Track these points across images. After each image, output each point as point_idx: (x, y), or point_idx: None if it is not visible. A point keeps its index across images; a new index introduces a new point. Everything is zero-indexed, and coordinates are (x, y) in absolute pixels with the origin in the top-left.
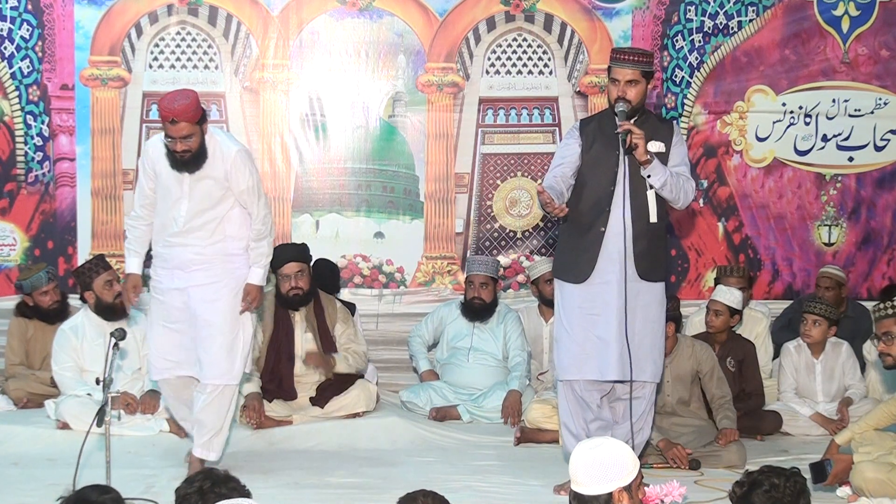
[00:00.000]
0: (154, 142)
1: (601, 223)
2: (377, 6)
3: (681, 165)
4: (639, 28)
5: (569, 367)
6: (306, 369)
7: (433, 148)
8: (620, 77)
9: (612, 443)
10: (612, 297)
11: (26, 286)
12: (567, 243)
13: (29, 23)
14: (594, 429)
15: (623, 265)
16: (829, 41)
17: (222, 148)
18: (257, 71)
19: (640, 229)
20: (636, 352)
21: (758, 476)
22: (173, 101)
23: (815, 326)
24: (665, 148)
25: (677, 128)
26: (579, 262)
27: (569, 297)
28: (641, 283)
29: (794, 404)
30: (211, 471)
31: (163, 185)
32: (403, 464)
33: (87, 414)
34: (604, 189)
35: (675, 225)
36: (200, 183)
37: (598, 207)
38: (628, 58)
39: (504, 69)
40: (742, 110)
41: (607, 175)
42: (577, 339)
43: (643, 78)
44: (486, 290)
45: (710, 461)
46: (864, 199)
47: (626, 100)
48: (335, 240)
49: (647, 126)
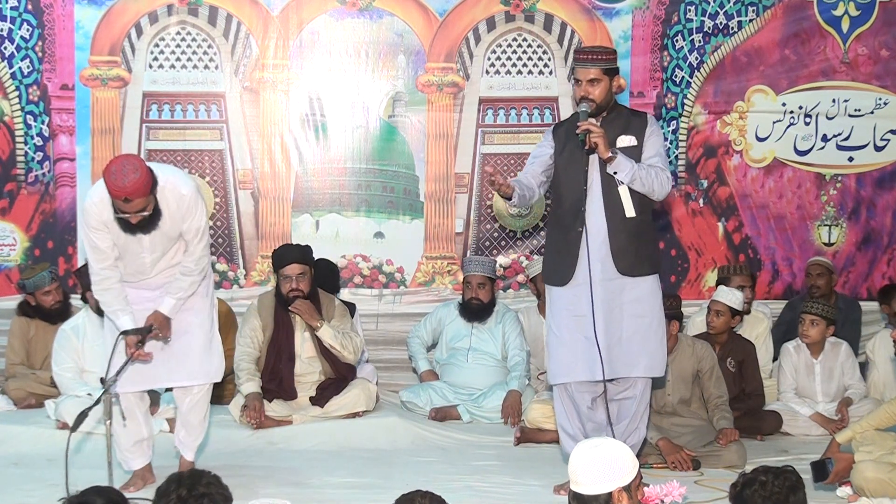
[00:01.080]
0: (96, 203)
1: (579, 223)
2: (377, 6)
3: (654, 157)
4: (639, 28)
5: (559, 370)
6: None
7: (433, 148)
8: (582, 77)
9: (612, 443)
10: (595, 298)
11: (29, 286)
12: (550, 246)
13: (29, 23)
14: (589, 430)
15: (602, 264)
16: (829, 41)
17: (175, 195)
18: (257, 71)
19: (617, 226)
20: (620, 350)
21: (751, 474)
22: (123, 178)
23: (813, 326)
24: (637, 141)
25: (652, 120)
26: (562, 265)
27: (556, 300)
28: (625, 279)
29: (794, 404)
30: (181, 476)
31: (119, 244)
32: (403, 464)
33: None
34: (577, 189)
35: (674, 225)
36: (156, 234)
37: (575, 208)
38: (588, 57)
39: (504, 69)
40: (742, 110)
41: (579, 176)
42: (566, 342)
43: (605, 76)
44: (483, 291)
45: (710, 461)
46: (864, 199)
47: (590, 99)
48: (335, 240)
49: (618, 121)
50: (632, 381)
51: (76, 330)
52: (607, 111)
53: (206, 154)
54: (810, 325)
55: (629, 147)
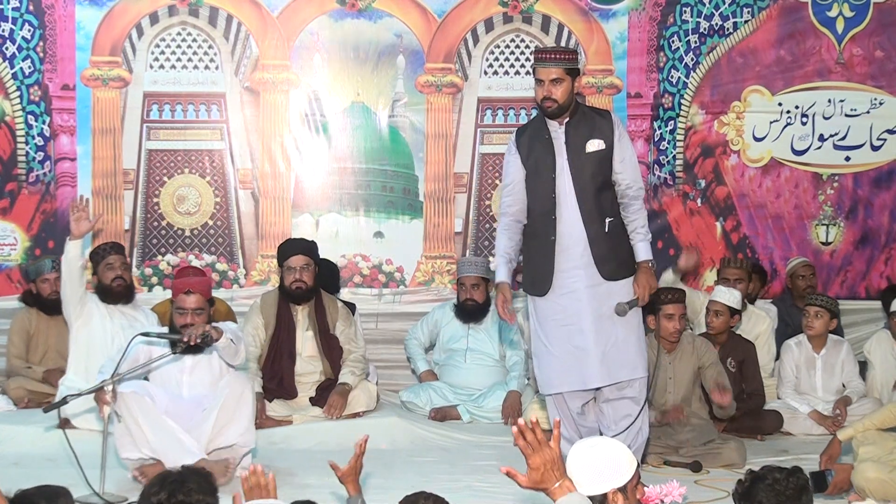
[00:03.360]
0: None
1: (550, 232)
2: (376, 7)
3: (625, 165)
4: (635, 29)
5: (551, 381)
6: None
7: (432, 148)
8: (544, 77)
9: (609, 443)
10: (582, 306)
11: (31, 271)
12: (527, 256)
13: (30, 23)
14: (583, 433)
15: (585, 271)
16: (824, 42)
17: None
18: (257, 71)
19: (596, 231)
20: (617, 354)
21: (761, 471)
22: (189, 276)
23: (818, 318)
24: (606, 144)
25: (617, 120)
26: (539, 275)
27: (542, 310)
28: (611, 283)
29: (793, 401)
30: (164, 479)
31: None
32: (403, 464)
33: (88, 414)
34: (546, 197)
35: (672, 225)
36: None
37: (546, 216)
38: (550, 56)
39: (502, 70)
40: (739, 110)
41: (547, 183)
42: (557, 353)
43: (567, 75)
44: (477, 291)
45: (710, 459)
46: (861, 199)
47: (552, 99)
48: (335, 240)
49: (584, 124)
50: (628, 381)
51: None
52: (571, 113)
53: (206, 154)
54: (815, 317)
55: (597, 151)
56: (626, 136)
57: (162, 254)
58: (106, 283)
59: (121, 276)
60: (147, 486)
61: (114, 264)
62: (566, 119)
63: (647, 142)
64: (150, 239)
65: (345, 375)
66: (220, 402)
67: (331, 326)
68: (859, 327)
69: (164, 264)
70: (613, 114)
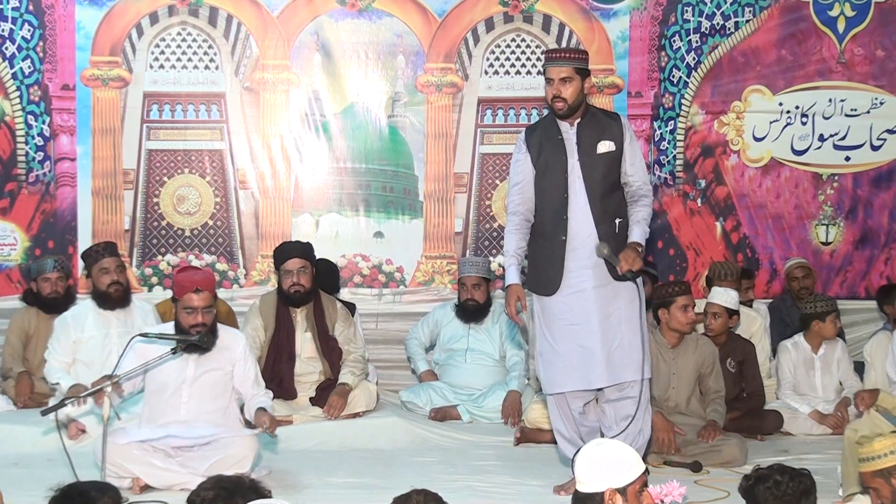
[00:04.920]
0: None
1: (561, 232)
2: (376, 7)
3: (635, 169)
4: (636, 29)
5: (555, 380)
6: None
7: (432, 148)
8: (554, 76)
9: (614, 444)
10: (590, 306)
11: (33, 269)
12: (534, 256)
13: (30, 23)
14: (584, 433)
15: (594, 270)
16: (826, 41)
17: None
18: (257, 71)
19: (607, 231)
20: (622, 354)
21: (765, 471)
22: (192, 274)
23: (834, 325)
24: (616, 146)
25: (626, 123)
26: (548, 274)
27: (549, 309)
28: (618, 284)
29: (793, 402)
30: (220, 478)
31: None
32: (403, 464)
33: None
34: (558, 197)
35: (672, 225)
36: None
37: (556, 216)
38: (560, 55)
39: (503, 69)
40: (739, 110)
41: (559, 183)
42: (562, 352)
43: (577, 75)
44: (478, 291)
45: (711, 456)
46: (861, 199)
47: (562, 98)
48: (335, 240)
49: (594, 125)
50: (629, 382)
51: (77, 318)
52: (581, 115)
53: (206, 154)
54: (832, 324)
55: (608, 152)
56: (636, 140)
57: (162, 254)
58: (102, 288)
59: (117, 280)
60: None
61: (109, 268)
62: (577, 120)
63: (647, 142)
64: (150, 239)
65: (344, 375)
66: (217, 459)
67: (330, 328)
68: (859, 327)
69: (164, 264)
70: (623, 117)
